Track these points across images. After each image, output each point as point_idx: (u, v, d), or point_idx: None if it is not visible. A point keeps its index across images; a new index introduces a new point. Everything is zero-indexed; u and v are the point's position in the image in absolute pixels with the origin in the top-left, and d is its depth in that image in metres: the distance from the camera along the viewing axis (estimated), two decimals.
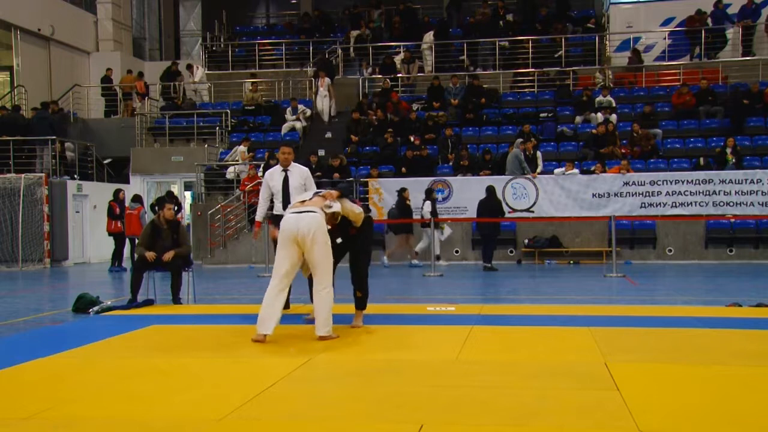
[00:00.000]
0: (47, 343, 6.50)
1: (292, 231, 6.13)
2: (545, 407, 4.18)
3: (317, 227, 6.13)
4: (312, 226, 6.11)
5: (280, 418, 4.12)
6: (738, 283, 11.82)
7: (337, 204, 6.40)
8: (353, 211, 6.66)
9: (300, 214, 6.21)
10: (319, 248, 6.15)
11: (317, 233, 6.11)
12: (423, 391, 4.61)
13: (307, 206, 6.30)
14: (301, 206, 6.34)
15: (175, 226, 9.30)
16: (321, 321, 6.26)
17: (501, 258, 15.68)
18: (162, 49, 28.85)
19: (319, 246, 6.14)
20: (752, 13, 20.67)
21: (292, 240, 6.14)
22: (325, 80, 19.51)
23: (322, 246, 6.17)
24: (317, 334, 6.27)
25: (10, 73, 22.31)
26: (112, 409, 4.31)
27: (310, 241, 6.10)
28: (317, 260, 6.17)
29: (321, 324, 6.27)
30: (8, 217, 16.81)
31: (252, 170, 17.30)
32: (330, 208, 6.32)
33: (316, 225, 6.13)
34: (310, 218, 6.15)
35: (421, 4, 25.36)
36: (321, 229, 6.15)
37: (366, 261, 7.01)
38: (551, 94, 20.44)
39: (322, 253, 6.17)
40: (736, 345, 6.01)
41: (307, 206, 6.30)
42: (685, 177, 15.70)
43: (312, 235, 6.09)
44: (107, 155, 20.67)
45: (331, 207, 6.33)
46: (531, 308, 8.95)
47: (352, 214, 6.68)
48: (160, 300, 9.40)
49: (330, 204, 6.34)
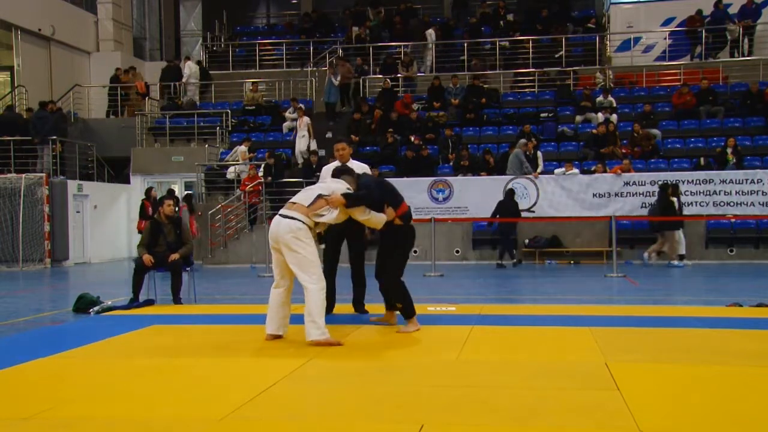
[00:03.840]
0: (47, 343, 6.50)
1: (272, 235, 6.11)
2: (545, 407, 4.18)
3: (290, 234, 5.95)
4: (285, 233, 5.97)
5: (280, 418, 4.11)
6: (738, 283, 11.81)
7: (331, 213, 6.09)
8: (372, 219, 6.35)
9: (281, 218, 6.09)
10: (293, 255, 5.98)
11: (289, 240, 5.95)
12: (423, 391, 4.60)
13: (292, 211, 6.10)
14: (287, 209, 6.16)
15: (177, 222, 9.32)
16: (307, 325, 6.00)
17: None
18: (162, 49, 28.84)
19: (292, 253, 5.98)
20: (752, 13, 20.68)
21: (272, 243, 6.14)
22: (304, 119, 18.92)
23: (295, 253, 5.97)
24: (306, 340, 6.00)
25: (11, 73, 22.31)
26: (112, 409, 4.31)
27: (284, 247, 6.00)
28: (293, 266, 6.03)
29: (307, 328, 6.01)
30: (9, 217, 16.81)
31: (252, 170, 17.31)
32: (320, 218, 6.07)
33: (290, 232, 5.96)
34: (285, 224, 6.01)
35: (421, 4, 25.37)
36: (295, 235, 5.95)
37: (393, 267, 6.60)
38: (552, 94, 20.45)
39: (297, 259, 5.97)
40: (736, 345, 6.01)
41: (291, 210, 6.10)
42: (685, 177, 15.70)
43: (285, 242, 5.97)
44: (107, 155, 20.67)
45: (322, 216, 6.08)
46: (531, 308, 8.95)
47: (371, 222, 6.41)
48: (161, 300, 9.40)
49: (323, 213, 6.08)
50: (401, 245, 6.69)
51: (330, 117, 20.29)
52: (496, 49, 21.77)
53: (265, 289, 6.37)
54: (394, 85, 20.88)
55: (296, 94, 21.31)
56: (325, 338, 5.98)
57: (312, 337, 5.97)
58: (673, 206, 14.61)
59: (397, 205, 6.55)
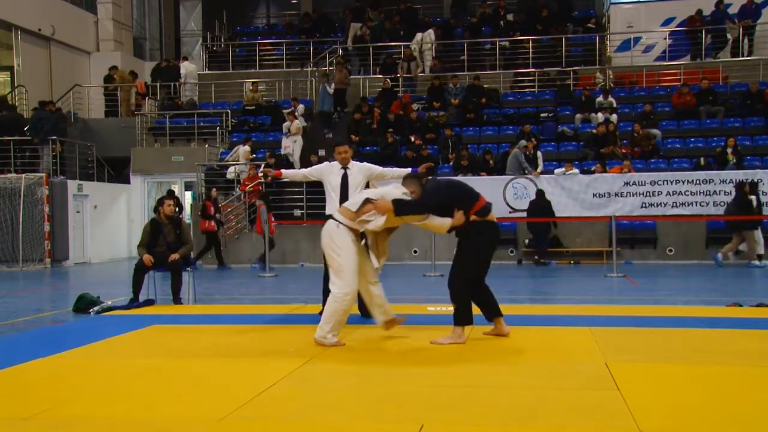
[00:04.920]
0: (48, 343, 6.50)
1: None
2: (545, 407, 4.18)
3: (327, 237, 6.11)
4: (323, 235, 6.16)
5: (280, 418, 4.11)
6: (739, 284, 11.81)
7: (378, 219, 5.97)
8: (430, 224, 6.12)
9: (328, 219, 6.25)
10: (328, 257, 6.15)
11: (325, 245, 6.13)
12: (423, 391, 4.60)
13: (337, 213, 6.23)
14: (336, 211, 6.29)
15: (177, 222, 9.32)
16: (320, 323, 6.17)
17: (502, 258, 15.66)
18: (162, 49, 28.84)
19: (328, 256, 6.16)
20: (752, 13, 20.68)
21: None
22: (296, 122, 18.84)
23: (329, 257, 6.12)
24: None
25: (11, 73, 22.31)
26: (112, 409, 4.31)
27: (323, 249, 6.19)
28: (329, 266, 6.21)
29: (319, 325, 6.17)
30: (9, 217, 16.80)
31: (252, 170, 17.31)
32: (366, 223, 6.03)
33: (326, 235, 6.13)
34: (326, 226, 6.18)
35: (421, 4, 25.37)
36: (330, 238, 6.07)
37: (460, 269, 6.19)
38: (552, 94, 20.45)
39: (332, 261, 6.09)
40: (736, 345, 6.01)
41: (337, 213, 6.23)
42: (685, 177, 15.69)
43: (322, 245, 6.17)
44: (107, 155, 20.68)
45: (368, 223, 6.03)
46: (531, 308, 8.95)
47: (431, 227, 6.23)
48: (161, 300, 9.40)
49: (369, 219, 6.01)
50: (473, 242, 6.19)
51: (325, 125, 20.15)
52: (496, 49, 21.77)
53: (265, 290, 6.36)
54: (394, 85, 20.87)
55: (296, 94, 21.30)
56: (320, 339, 6.10)
57: (316, 334, 6.13)
58: (750, 205, 14.07)
59: (470, 204, 6.14)
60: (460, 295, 6.18)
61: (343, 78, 20.29)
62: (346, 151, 7.47)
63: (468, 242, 6.19)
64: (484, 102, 19.81)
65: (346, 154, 7.45)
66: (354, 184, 7.35)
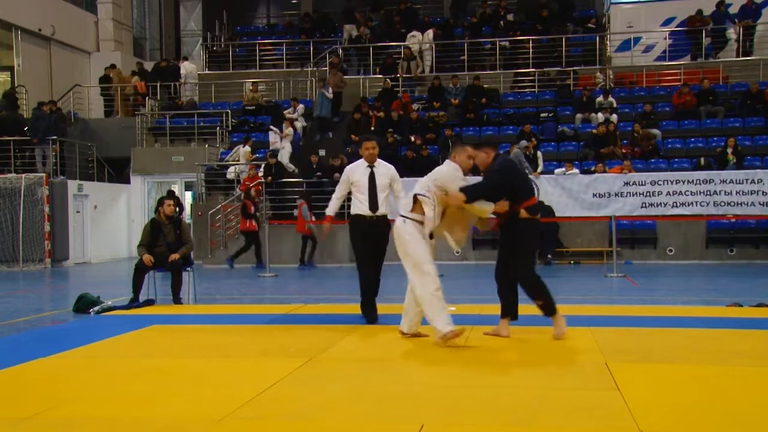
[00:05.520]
0: (48, 343, 6.51)
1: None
2: (545, 407, 4.18)
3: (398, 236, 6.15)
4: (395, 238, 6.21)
5: (281, 418, 4.11)
6: (739, 284, 11.80)
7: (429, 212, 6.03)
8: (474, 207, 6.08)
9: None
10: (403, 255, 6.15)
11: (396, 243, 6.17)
12: (423, 391, 4.60)
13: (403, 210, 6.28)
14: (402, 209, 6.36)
15: (177, 222, 9.32)
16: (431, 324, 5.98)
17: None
18: (162, 49, 28.84)
19: (403, 253, 6.14)
20: (752, 13, 20.68)
21: None
22: (290, 128, 18.80)
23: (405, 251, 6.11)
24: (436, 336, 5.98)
25: (11, 74, 22.31)
26: (112, 409, 4.31)
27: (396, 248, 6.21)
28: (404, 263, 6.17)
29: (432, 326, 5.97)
30: (9, 217, 16.81)
31: (252, 170, 17.31)
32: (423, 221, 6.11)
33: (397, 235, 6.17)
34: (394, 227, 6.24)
35: (421, 4, 25.36)
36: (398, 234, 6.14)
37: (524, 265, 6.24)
38: (552, 94, 20.45)
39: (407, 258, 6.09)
40: (736, 345, 6.01)
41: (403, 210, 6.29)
42: (685, 177, 15.68)
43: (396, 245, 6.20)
44: (107, 155, 20.68)
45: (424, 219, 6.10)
46: (531, 308, 8.92)
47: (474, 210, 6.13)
48: (161, 300, 9.40)
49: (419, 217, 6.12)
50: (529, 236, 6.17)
51: (324, 130, 20.07)
52: (496, 49, 21.76)
53: (265, 290, 6.36)
54: (394, 85, 20.87)
55: (296, 94, 21.30)
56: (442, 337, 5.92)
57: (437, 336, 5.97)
58: None
59: (527, 196, 6.11)
60: (538, 288, 6.21)
61: (338, 81, 20.30)
62: (374, 147, 7.25)
63: (522, 237, 6.14)
64: (484, 102, 19.81)
65: (374, 150, 7.23)
66: (381, 185, 7.19)
